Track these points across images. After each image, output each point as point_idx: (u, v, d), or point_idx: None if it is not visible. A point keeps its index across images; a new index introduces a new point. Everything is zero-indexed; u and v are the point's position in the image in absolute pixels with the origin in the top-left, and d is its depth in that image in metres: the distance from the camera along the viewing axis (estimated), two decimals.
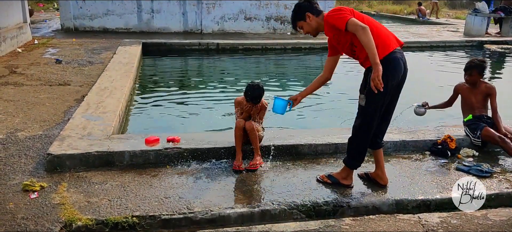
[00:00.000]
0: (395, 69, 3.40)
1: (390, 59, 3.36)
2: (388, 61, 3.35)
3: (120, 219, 3.26)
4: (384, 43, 3.38)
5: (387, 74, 3.29)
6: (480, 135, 4.69)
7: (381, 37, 3.39)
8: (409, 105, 5.10)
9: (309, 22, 3.63)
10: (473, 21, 15.49)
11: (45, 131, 4.90)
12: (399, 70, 3.44)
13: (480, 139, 4.71)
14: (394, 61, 3.39)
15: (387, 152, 4.68)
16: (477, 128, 4.75)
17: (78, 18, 13.42)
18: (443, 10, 24.86)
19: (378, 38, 3.34)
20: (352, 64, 11.28)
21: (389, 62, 3.35)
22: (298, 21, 3.68)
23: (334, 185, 3.86)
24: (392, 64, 3.38)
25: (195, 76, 9.69)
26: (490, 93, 4.86)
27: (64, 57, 9.17)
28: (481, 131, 4.69)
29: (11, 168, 4.00)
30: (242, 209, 3.47)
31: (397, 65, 3.41)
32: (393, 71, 3.39)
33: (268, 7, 14.41)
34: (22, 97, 6.16)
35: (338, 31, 3.41)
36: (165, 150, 4.26)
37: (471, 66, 4.88)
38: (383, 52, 3.34)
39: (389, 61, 3.35)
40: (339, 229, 3.22)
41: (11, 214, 3.27)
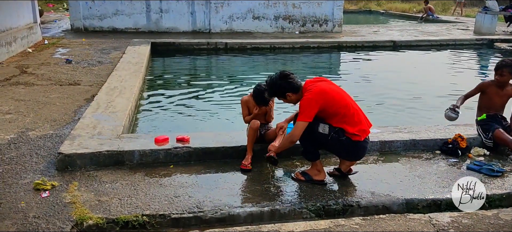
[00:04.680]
0: (358, 153, 3.90)
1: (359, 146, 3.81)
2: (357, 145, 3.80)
3: (130, 218, 3.28)
4: (360, 130, 3.77)
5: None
6: (492, 137, 4.64)
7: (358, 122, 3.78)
8: (424, 106, 5.03)
9: (290, 99, 3.88)
10: (483, 19, 15.33)
11: (56, 130, 4.93)
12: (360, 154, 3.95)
13: (492, 140, 4.66)
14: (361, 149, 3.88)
15: (396, 151, 4.66)
16: (489, 129, 4.69)
17: (88, 18, 13.50)
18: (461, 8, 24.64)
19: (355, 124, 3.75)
20: (352, 64, 11.24)
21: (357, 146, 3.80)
22: (279, 97, 3.96)
23: (308, 182, 3.91)
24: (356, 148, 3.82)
25: (204, 75, 9.70)
26: None
27: (74, 57, 9.24)
28: (493, 133, 4.64)
29: (22, 167, 4.04)
30: (251, 208, 3.47)
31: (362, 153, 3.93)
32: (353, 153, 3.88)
33: (276, 6, 14.39)
34: (33, 96, 6.21)
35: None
36: (174, 149, 4.27)
37: (502, 64, 4.71)
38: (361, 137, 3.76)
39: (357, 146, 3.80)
40: (349, 228, 3.20)
41: (22, 213, 3.30)
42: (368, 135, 3.85)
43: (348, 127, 3.70)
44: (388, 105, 7.23)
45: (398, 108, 7.05)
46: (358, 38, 13.48)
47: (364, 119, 3.86)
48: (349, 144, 3.73)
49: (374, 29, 15.92)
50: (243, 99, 4.49)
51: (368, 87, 8.39)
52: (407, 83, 8.71)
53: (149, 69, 9.36)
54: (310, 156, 3.95)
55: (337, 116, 3.71)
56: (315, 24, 14.75)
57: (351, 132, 3.69)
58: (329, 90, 3.73)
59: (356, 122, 3.73)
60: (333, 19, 14.79)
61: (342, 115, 3.71)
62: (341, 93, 3.82)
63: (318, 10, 14.64)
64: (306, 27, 14.70)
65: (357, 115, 3.77)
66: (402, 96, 7.69)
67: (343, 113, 3.71)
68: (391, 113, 6.80)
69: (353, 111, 3.76)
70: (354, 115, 3.75)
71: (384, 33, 14.99)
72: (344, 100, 3.76)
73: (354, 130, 3.70)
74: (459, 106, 4.85)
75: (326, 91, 3.71)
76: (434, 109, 6.93)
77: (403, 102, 7.36)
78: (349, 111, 3.73)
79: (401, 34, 14.73)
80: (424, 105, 7.20)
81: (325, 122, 3.74)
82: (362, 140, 3.74)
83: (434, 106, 7.13)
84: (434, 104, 7.22)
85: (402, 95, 7.77)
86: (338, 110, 3.70)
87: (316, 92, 3.69)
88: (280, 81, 3.82)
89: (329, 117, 3.73)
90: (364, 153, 3.93)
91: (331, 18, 14.77)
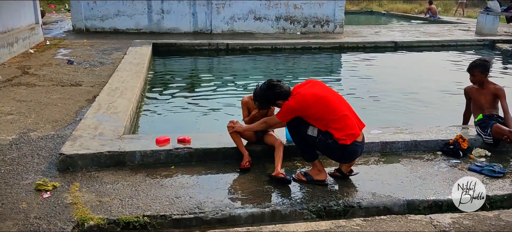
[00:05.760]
0: (347, 156, 3.88)
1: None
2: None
3: (131, 218, 3.28)
4: (347, 134, 3.76)
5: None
6: (491, 132, 4.65)
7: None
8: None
9: (280, 105, 3.97)
10: (485, 20, 15.32)
11: (57, 131, 4.94)
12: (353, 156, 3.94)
13: (491, 136, 4.67)
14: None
15: (398, 152, 4.66)
16: (487, 126, 4.71)
17: (89, 19, 13.53)
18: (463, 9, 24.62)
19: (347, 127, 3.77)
20: (353, 65, 11.24)
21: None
22: (270, 105, 4.13)
23: (309, 182, 3.91)
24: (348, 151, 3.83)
25: (205, 76, 9.71)
26: (499, 94, 4.83)
27: (76, 57, 9.25)
28: (491, 128, 4.65)
29: (24, 168, 4.05)
30: (252, 209, 3.47)
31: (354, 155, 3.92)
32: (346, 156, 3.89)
33: (277, 7, 14.39)
34: (35, 97, 6.23)
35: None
36: (175, 150, 4.28)
37: (472, 66, 4.91)
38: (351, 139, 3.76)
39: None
40: (350, 229, 3.20)
41: (24, 213, 3.31)
42: (357, 138, 3.80)
43: (334, 131, 3.72)
44: (389, 106, 7.22)
45: (399, 109, 7.04)
46: (360, 39, 13.48)
47: (355, 122, 3.85)
48: (336, 147, 3.74)
49: (375, 30, 15.92)
50: (244, 100, 4.49)
51: (369, 88, 8.38)
52: (408, 84, 8.70)
53: (151, 70, 9.37)
54: (307, 157, 3.96)
55: (323, 120, 3.74)
56: (316, 25, 14.75)
57: (336, 137, 3.71)
58: (312, 97, 3.74)
59: (342, 127, 3.73)
60: (334, 20, 14.79)
61: (328, 120, 3.73)
62: (327, 97, 3.80)
63: (320, 10, 14.65)
64: (307, 28, 14.70)
65: (345, 119, 3.76)
66: (403, 97, 7.68)
67: (329, 118, 3.73)
68: (392, 114, 6.80)
69: (341, 115, 3.76)
70: (341, 118, 3.75)
71: (385, 34, 14.98)
72: (330, 104, 3.76)
73: (340, 134, 3.70)
74: (465, 124, 5.13)
75: (307, 100, 3.74)
76: (435, 110, 6.93)
77: (404, 103, 7.35)
78: (336, 116, 3.73)
79: (402, 35, 14.72)
80: (425, 106, 7.19)
81: (314, 125, 3.77)
82: (348, 144, 3.72)
83: (435, 107, 7.14)
84: (435, 105, 7.22)
85: (403, 96, 7.77)
86: (323, 115, 3.73)
87: (297, 101, 3.77)
88: (268, 91, 3.92)
89: (315, 120, 3.77)
90: (353, 156, 3.90)
91: (332, 18, 14.77)
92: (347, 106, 3.90)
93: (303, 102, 3.74)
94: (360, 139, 3.87)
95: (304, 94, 3.77)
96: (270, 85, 3.91)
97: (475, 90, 5.01)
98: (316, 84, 3.97)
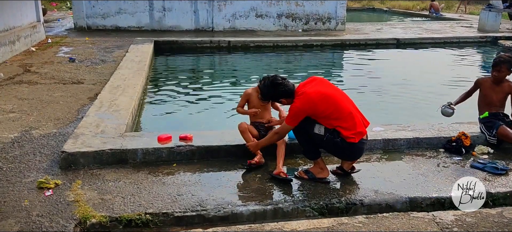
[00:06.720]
0: (353, 154, 3.92)
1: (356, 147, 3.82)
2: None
3: (133, 216, 3.28)
4: (355, 132, 3.78)
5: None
6: (496, 134, 4.62)
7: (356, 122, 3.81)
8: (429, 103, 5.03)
9: (283, 102, 4.05)
10: (487, 17, 15.27)
11: (59, 129, 4.94)
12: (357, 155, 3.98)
13: (496, 138, 4.64)
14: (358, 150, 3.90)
15: (400, 149, 4.65)
16: (493, 126, 4.67)
17: (91, 17, 13.52)
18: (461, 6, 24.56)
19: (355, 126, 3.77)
20: (355, 62, 11.21)
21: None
22: (274, 101, 4.22)
23: (312, 180, 3.90)
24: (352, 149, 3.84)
25: (207, 73, 9.71)
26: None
27: (77, 55, 9.25)
28: (497, 130, 4.62)
29: (26, 165, 4.05)
30: (254, 207, 3.47)
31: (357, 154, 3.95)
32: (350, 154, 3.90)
33: (279, 4, 14.36)
34: (36, 95, 6.23)
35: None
36: (177, 148, 4.28)
37: (500, 61, 4.70)
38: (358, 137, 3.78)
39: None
40: (352, 227, 3.19)
41: (26, 211, 3.31)
42: (364, 136, 3.82)
43: (342, 130, 3.71)
44: (392, 103, 7.21)
45: (401, 106, 7.03)
46: (361, 36, 13.44)
47: (361, 120, 3.85)
48: (344, 145, 3.73)
49: (377, 27, 15.87)
50: (247, 91, 4.46)
51: (371, 85, 8.36)
52: (410, 81, 8.68)
53: (152, 67, 9.37)
54: (310, 155, 3.96)
55: (330, 118, 3.72)
56: (318, 22, 14.72)
57: (345, 135, 3.69)
58: (318, 96, 3.72)
59: (350, 125, 3.72)
60: (336, 17, 14.75)
61: (335, 118, 3.71)
62: (333, 95, 3.79)
63: (321, 8, 14.61)
64: (309, 25, 14.67)
65: (352, 117, 3.75)
66: (406, 94, 7.66)
67: (336, 116, 3.71)
68: (394, 111, 6.78)
69: (348, 113, 3.75)
70: (349, 117, 3.74)
71: (387, 31, 14.94)
72: (336, 103, 3.75)
73: (348, 132, 3.70)
74: (453, 102, 4.99)
75: (313, 99, 3.71)
76: (437, 107, 6.90)
77: (407, 100, 7.34)
78: (342, 114, 3.72)
79: (404, 31, 14.68)
80: (427, 103, 7.17)
81: (321, 123, 3.75)
82: (357, 142, 3.73)
83: (437, 104, 7.08)
84: (437, 102, 7.15)
85: (405, 93, 7.75)
86: (330, 114, 3.71)
87: (303, 101, 3.73)
88: (272, 89, 3.92)
89: (322, 119, 3.75)
90: (360, 153, 3.92)
91: (334, 16, 14.73)
92: (351, 103, 3.90)
93: (309, 102, 3.71)
94: (366, 137, 3.87)
95: (309, 93, 3.74)
96: (275, 84, 3.90)
97: (489, 85, 4.84)
98: (320, 81, 3.95)
